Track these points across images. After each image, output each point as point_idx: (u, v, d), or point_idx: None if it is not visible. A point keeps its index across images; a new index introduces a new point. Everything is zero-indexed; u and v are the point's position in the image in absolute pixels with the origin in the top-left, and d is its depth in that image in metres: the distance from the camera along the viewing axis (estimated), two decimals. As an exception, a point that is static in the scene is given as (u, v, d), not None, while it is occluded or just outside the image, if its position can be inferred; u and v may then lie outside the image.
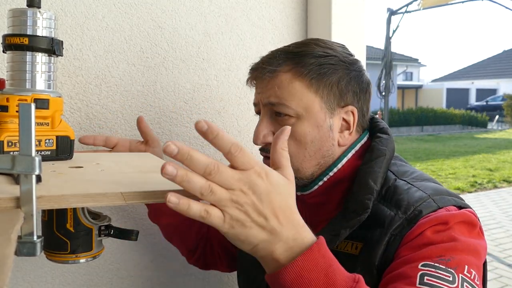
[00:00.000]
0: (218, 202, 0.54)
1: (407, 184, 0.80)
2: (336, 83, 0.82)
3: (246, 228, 0.55)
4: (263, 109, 0.86)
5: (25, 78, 0.71)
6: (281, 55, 0.84)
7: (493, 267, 4.24)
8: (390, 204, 0.77)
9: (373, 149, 0.84)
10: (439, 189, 0.79)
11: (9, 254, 0.37)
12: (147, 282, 1.19)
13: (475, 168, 9.57)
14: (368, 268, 0.74)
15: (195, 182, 0.53)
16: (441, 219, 0.72)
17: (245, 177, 0.55)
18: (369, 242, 0.76)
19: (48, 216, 0.70)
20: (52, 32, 0.72)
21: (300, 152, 0.82)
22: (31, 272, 1.04)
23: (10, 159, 0.46)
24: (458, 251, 0.68)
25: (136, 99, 1.13)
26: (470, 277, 0.66)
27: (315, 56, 0.82)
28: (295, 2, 1.38)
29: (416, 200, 0.75)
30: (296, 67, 0.81)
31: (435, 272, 0.65)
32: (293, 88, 0.81)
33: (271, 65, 0.83)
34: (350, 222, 0.76)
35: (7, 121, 0.70)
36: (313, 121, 0.82)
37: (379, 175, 0.80)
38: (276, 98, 0.82)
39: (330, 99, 0.82)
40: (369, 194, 0.77)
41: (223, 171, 0.54)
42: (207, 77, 1.24)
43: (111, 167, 0.70)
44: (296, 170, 0.80)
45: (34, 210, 0.47)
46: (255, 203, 0.55)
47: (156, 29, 1.15)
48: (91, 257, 0.72)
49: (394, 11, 8.86)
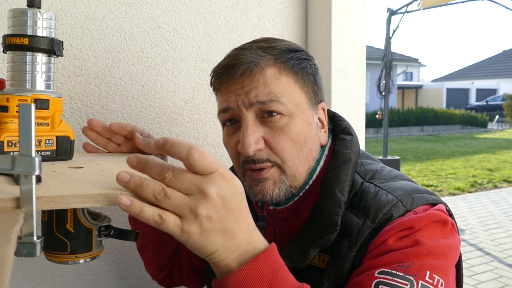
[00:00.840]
0: (175, 207, 0.52)
1: (375, 187, 0.74)
2: (313, 78, 0.78)
3: (206, 235, 0.53)
4: (246, 113, 0.74)
5: (25, 79, 0.71)
6: (256, 49, 0.75)
7: (493, 267, 4.24)
8: (358, 211, 0.72)
9: (337, 154, 0.78)
10: (408, 188, 0.74)
11: (9, 254, 0.37)
12: (147, 282, 1.19)
13: (475, 168, 9.57)
14: (336, 281, 0.70)
15: (148, 185, 0.51)
16: (406, 224, 0.68)
17: (209, 180, 0.52)
18: (337, 254, 0.71)
19: (48, 216, 0.70)
20: (52, 32, 0.72)
21: (296, 155, 0.74)
22: (31, 272, 1.04)
23: (10, 160, 0.46)
24: (421, 255, 0.65)
25: (136, 99, 1.13)
26: (432, 283, 0.63)
27: (291, 50, 0.76)
28: (295, 2, 1.38)
29: (384, 205, 0.71)
30: (279, 61, 0.74)
31: (391, 280, 0.62)
32: (281, 83, 0.73)
33: (251, 61, 0.73)
34: (319, 241, 0.71)
35: (7, 121, 0.70)
36: (304, 118, 0.75)
37: (345, 183, 0.74)
38: (266, 95, 0.72)
39: (312, 95, 0.78)
40: (337, 208, 0.71)
41: (180, 174, 0.52)
42: (207, 77, 1.24)
43: (111, 167, 0.70)
44: (292, 177, 0.75)
45: (34, 210, 0.47)
46: (220, 206, 0.53)
47: (156, 29, 1.15)
48: (91, 258, 0.72)
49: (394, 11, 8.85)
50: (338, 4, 1.32)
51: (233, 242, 0.55)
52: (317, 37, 1.36)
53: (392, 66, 8.83)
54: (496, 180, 8.38)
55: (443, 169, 9.46)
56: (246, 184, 0.77)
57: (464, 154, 11.74)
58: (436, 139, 16.21)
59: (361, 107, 1.39)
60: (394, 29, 8.81)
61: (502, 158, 11.01)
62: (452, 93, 30.52)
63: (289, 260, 0.71)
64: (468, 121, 21.28)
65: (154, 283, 1.20)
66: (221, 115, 0.79)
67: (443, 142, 15.08)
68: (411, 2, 8.44)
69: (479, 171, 9.17)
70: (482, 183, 8.16)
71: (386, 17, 8.89)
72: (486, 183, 8.14)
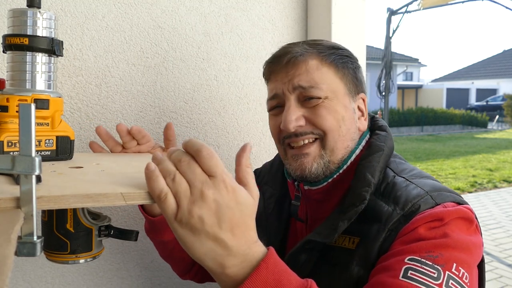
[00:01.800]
0: (177, 194, 0.54)
1: (406, 181, 0.80)
2: (353, 72, 0.88)
3: (195, 234, 0.54)
4: (290, 96, 0.84)
5: (25, 78, 0.71)
6: (303, 44, 0.86)
7: (493, 267, 4.24)
8: (389, 200, 0.78)
9: (371, 145, 0.86)
10: (437, 186, 0.80)
11: (9, 254, 0.37)
12: (147, 282, 1.19)
13: (475, 168, 9.57)
14: (364, 263, 0.74)
15: (168, 165, 0.55)
16: (436, 216, 0.72)
17: (211, 183, 0.54)
18: (366, 237, 0.76)
19: (48, 216, 0.70)
20: (52, 32, 0.72)
21: (335, 129, 0.82)
22: (31, 272, 1.04)
23: (10, 159, 0.46)
24: (449, 248, 0.68)
25: (136, 99, 1.13)
26: (458, 275, 0.66)
27: (334, 47, 0.87)
28: (295, 2, 1.38)
29: (414, 196, 0.76)
30: (321, 55, 0.84)
31: (420, 267, 0.65)
32: (322, 73, 0.83)
33: (297, 52, 0.84)
34: (347, 214, 0.77)
35: (7, 121, 0.70)
36: (341, 103, 0.84)
37: (376, 168, 0.81)
38: (307, 82, 0.82)
39: (351, 86, 0.87)
40: (366, 187, 0.78)
41: (193, 165, 0.55)
42: (207, 77, 1.24)
43: (111, 167, 0.70)
44: (331, 151, 0.83)
45: (34, 210, 0.47)
46: (213, 212, 0.54)
47: (156, 29, 1.15)
48: (91, 257, 0.72)
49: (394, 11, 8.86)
50: (338, 4, 1.32)
51: (225, 251, 0.56)
52: (317, 37, 1.36)
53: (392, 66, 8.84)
54: (496, 180, 8.37)
55: (443, 169, 9.46)
56: (287, 161, 0.87)
57: (464, 154, 11.74)
58: (436, 139, 16.21)
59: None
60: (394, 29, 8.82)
61: (502, 158, 11.01)
62: (452, 93, 30.52)
63: (319, 235, 0.78)
64: (468, 121, 21.27)
65: (154, 283, 1.20)
66: (269, 102, 0.89)
67: (443, 142, 15.07)
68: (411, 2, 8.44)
69: (479, 171, 9.17)
70: (482, 183, 8.15)
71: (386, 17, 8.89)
72: (486, 183, 8.14)
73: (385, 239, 0.74)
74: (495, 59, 36.00)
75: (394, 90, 11.59)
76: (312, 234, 0.80)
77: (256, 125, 1.34)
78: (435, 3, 8.05)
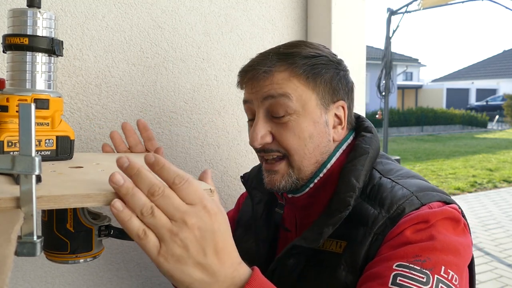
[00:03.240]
0: (157, 228, 0.52)
1: (392, 182, 0.80)
2: (329, 80, 0.84)
3: (182, 265, 0.54)
4: (259, 107, 0.83)
5: (25, 78, 0.71)
6: (273, 56, 0.83)
7: (493, 267, 4.24)
8: (374, 202, 0.77)
9: (356, 147, 0.85)
10: (423, 185, 0.79)
11: (9, 254, 0.37)
12: (147, 282, 1.19)
13: (475, 168, 9.57)
14: (351, 267, 0.74)
15: (139, 198, 0.52)
16: (422, 217, 0.71)
17: (192, 211, 0.53)
18: (353, 241, 0.75)
19: (48, 216, 0.70)
20: (52, 32, 0.72)
21: (300, 149, 0.81)
22: (31, 272, 1.04)
23: (10, 159, 0.46)
24: (437, 251, 0.68)
25: (136, 99, 1.13)
26: (447, 277, 0.66)
27: (307, 57, 0.83)
28: (295, 2, 1.38)
29: (399, 198, 0.75)
30: (291, 67, 0.81)
31: (408, 273, 0.65)
32: (292, 84, 0.81)
33: (264, 65, 0.82)
34: (332, 219, 0.76)
35: (7, 121, 0.70)
36: (310, 118, 0.82)
37: (361, 172, 0.80)
38: (276, 91, 0.80)
39: (324, 95, 0.83)
40: (351, 192, 0.77)
41: (169, 196, 0.52)
42: (207, 77, 1.24)
43: (111, 167, 0.70)
44: (298, 169, 0.82)
45: (34, 210, 0.47)
46: (198, 239, 0.53)
47: (156, 29, 1.15)
48: (91, 257, 0.72)
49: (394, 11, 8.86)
50: (338, 4, 1.32)
51: (213, 278, 0.55)
52: (317, 37, 1.36)
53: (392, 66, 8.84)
54: (496, 180, 8.37)
55: (443, 169, 9.46)
56: (262, 173, 0.88)
57: (464, 154, 11.74)
58: (436, 139, 16.21)
59: (361, 107, 1.39)
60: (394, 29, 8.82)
61: (502, 158, 11.01)
62: (452, 93, 30.52)
63: (305, 240, 0.77)
64: (468, 121, 21.27)
65: (154, 283, 1.20)
66: (243, 106, 0.89)
67: (443, 142, 15.07)
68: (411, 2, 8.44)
69: (479, 171, 9.17)
70: (482, 183, 8.15)
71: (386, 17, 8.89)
72: (486, 183, 8.14)
73: (371, 243, 0.73)
74: (495, 59, 36.00)
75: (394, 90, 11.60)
76: (298, 239, 0.79)
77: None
78: (435, 3, 8.04)
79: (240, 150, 1.32)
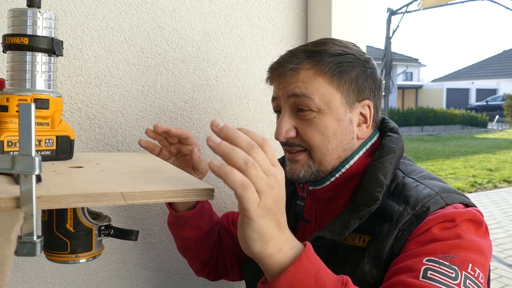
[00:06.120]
0: (258, 179, 0.57)
1: (415, 182, 0.82)
2: (355, 79, 0.86)
3: (270, 218, 0.59)
4: (285, 103, 0.86)
5: (25, 78, 0.71)
6: (301, 53, 0.86)
7: (493, 267, 4.24)
8: (399, 199, 0.79)
9: (383, 146, 0.87)
10: (446, 187, 0.81)
11: (9, 254, 0.37)
12: (147, 282, 1.19)
13: (475, 168, 9.57)
14: (375, 261, 0.75)
15: (240, 152, 0.56)
16: (448, 216, 0.73)
17: (279, 170, 0.59)
18: (377, 235, 0.77)
19: (48, 216, 0.70)
20: (52, 32, 0.72)
21: (323, 145, 0.84)
22: (31, 272, 1.04)
23: (10, 159, 0.46)
24: (463, 249, 0.70)
25: (136, 99, 1.13)
26: (474, 275, 0.67)
27: (333, 55, 0.85)
28: (295, 2, 1.38)
29: (424, 196, 0.77)
30: (317, 65, 0.84)
31: (438, 268, 0.67)
32: (317, 83, 0.83)
33: (292, 63, 0.85)
34: (359, 213, 0.78)
35: (7, 121, 0.70)
36: (334, 116, 0.84)
37: (389, 170, 0.82)
38: (301, 90, 0.83)
39: (349, 94, 0.85)
40: (379, 187, 0.79)
41: (264, 152, 0.58)
42: (207, 77, 1.24)
43: (111, 167, 0.70)
44: (319, 163, 0.85)
45: (34, 210, 0.47)
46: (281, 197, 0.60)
47: (156, 29, 1.15)
48: (91, 257, 0.72)
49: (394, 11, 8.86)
50: (338, 4, 1.32)
51: (284, 236, 0.61)
52: (317, 37, 1.35)
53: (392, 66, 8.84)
54: (496, 180, 8.37)
55: (443, 169, 9.46)
56: (285, 163, 0.90)
57: (464, 154, 11.74)
58: (436, 139, 16.20)
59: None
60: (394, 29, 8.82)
61: (502, 158, 11.01)
62: (452, 93, 30.52)
63: (330, 233, 0.79)
64: (468, 121, 21.27)
65: (154, 283, 1.20)
66: (272, 103, 0.92)
67: (443, 142, 15.07)
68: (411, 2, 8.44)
69: (479, 171, 9.16)
70: (482, 183, 8.15)
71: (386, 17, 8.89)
72: (486, 183, 8.13)
73: (396, 238, 0.75)
74: (495, 59, 36.00)
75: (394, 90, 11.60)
76: (322, 231, 0.81)
77: (256, 125, 1.34)
78: (435, 3, 8.04)
79: (240, 150, 1.32)
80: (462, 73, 36.35)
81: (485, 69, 34.95)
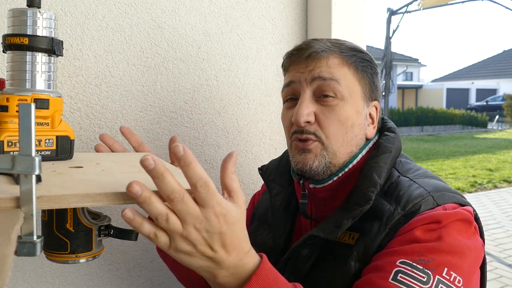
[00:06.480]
0: (169, 232, 0.57)
1: (409, 181, 0.81)
2: (371, 78, 0.87)
3: (190, 257, 0.59)
4: (306, 87, 0.83)
5: (25, 78, 0.71)
6: (326, 42, 0.85)
7: (493, 267, 4.24)
8: (391, 199, 0.79)
9: (379, 146, 0.86)
10: (440, 186, 0.80)
11: (9, 254, 0.37)
12: (147, 282, 1.19)
13: (475, 168, 9.57)
14: (363, 259, 0.75)
15: (156, 207, 0.55)
16: (434, 218, 0.73)
17: (202, 215, 0.56)
18: (366, 233, 0.77)
19: (48, 216, 0.70)
20: (52, 32, 0.72)
21: (340, 135, 0.82)
22: (31, 272, 1.04)
23: (10, 159, 0.46)
24: (442, 252, 0.69)
25: (136, 99, 1.13)
26: (449, 279, 0.67)
27: (356, 50, 0.86)
28: (295, 2, 1.38)
29: (415, 197, 0.77)
30: (343, 55, 0.84)
31: (410, 271, 0.67)
32: (343, 70, 0.83)
33: (322, 47, 0.84)
34: (352, 213, 0.77)
35: (7, 121, 0.70)
36: (355, 107, 0.84)
37: (383, 170, 0.81)
38: (329, 73, 0.82)
39: (367, 90, 0.86)
40: (372, 187, 0.78)
41: (186, 203, 0.55)
42: (207, 77, 1.24)
43: (111, 167, 0.70)
44: (333, 154, 0.83)
45: (34, 210, 0.47)
46: (206, 239, 0.57)
47: (156, 29, 1.15)
48: (91, 257, 0.72)
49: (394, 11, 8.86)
50: (338, 4, 1.32)
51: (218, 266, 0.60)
52: (317, 37, 1.36)
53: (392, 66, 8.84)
54: (496, 180, 8.37)
55: (443, 169, 9.46)
56: (291, 153, 0.87)
57: (464, 154, 11.74)
58: (436, 139, 16.20)
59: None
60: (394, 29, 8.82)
61: (502, 158, 11.00)
62: (452, 93, 30.52)
63: (323, 231, 0.79)
64: (468, 121, 21.27)
65: (154, 283, 1.20)
66: (284, 90, 0.89)
67: (443, 142, 15.07)
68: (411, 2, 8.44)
69: (479, 171, 9.16)
70: (482, 183, 8.15)
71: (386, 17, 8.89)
72: (486, 183, 8.13)
73: (384, 237, 0.75)
74: (495, 59, 36.00)
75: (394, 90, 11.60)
76: (315, 229, 0.80)
77: (256, 125, 1.34)
78: (435, 3, 8.04)
79: (240, 150, 1.32)
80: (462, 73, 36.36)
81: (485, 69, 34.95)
